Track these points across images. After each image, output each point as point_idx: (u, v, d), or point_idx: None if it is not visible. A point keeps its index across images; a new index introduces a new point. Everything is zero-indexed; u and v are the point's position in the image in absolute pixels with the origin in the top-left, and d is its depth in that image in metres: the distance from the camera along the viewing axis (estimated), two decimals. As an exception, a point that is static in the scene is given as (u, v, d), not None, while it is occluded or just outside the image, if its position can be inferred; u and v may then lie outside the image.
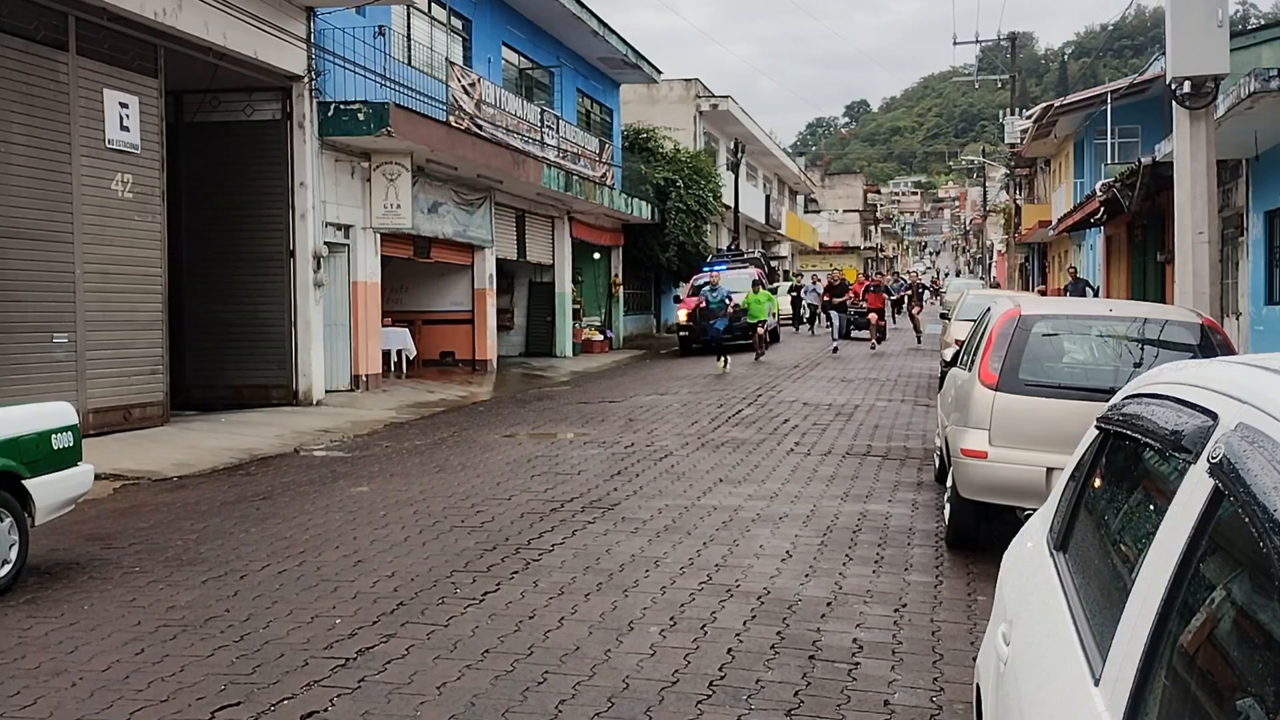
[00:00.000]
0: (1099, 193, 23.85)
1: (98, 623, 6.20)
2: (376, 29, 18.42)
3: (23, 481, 7.14)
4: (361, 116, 16.96)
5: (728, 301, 23.39)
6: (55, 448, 7.48)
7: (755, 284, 27.29)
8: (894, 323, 33.04)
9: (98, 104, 13.11)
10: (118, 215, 13.48)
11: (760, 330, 25.16)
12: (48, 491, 7.36)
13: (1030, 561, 3.18)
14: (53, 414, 7.68)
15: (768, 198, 54.76)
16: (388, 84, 18.45)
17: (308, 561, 7.51)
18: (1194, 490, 1.84)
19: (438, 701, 4.91)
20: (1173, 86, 11.73)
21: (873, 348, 27.15)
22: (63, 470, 7.54)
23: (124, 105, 13.51)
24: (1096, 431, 2.99)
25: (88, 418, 12.22)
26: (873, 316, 28.59)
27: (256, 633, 5.93)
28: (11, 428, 7.18)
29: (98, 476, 8.64)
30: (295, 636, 5.85)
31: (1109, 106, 29.29)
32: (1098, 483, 2.86)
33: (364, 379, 18.70)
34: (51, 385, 12.01)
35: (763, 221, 52.01)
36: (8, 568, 6.95)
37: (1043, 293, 39.42)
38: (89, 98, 12.98)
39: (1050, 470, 6.77)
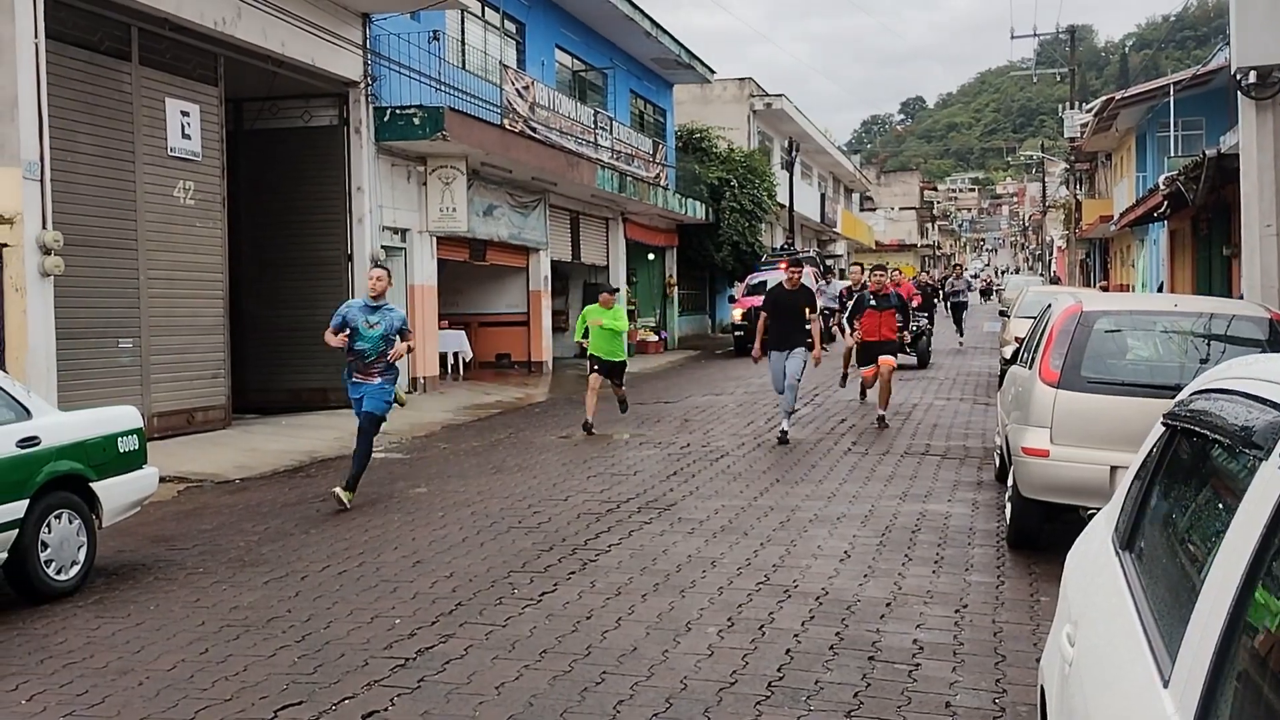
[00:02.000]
0: (1162, 186, 23.37)
1: (163, 623, 6.30)
2: (431, 34, 18.58)
3: (90, 484, 7.30)
4: (417, 121, 17.11)
5: (400, 339, 9.88)
6: (121, 451, 7.63)
7: (605, 294, 16.00)
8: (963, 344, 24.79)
9: (160, 112, 13.35)
10: (180, 221, 13.72)
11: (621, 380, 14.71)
12: (114, 494, 7.51)
13: (1095, 561, 3.13)
14: (118, 418, 7.84)
15: (823, 196, 54.44)
16: (442, 88, 18.59)
17: (367, 562, 7.58)
18: (1266, 487, 1.79)
19: (496, 701, 4.93)
20: (1237, 77, 11.52)
21: (880, 422, 13.87)
22: (128, 473, 7.70)
23: (185, 113, 13.74)
24: (1163, 428, 2.94)
25: (152, 421, 12.45)
26: (885, 361, 13.96)
27: (317, 633, 6.00)
28: (79, 431, 7.34)
29: (162, 479, 8.81)
30: (355, 637, 5.90)
31: (1172, 98, 28.77)
32: (1164, 481, 2.80)
33: (421, 381, 18.86)
34: (117, 389, 12.23)
35: (818, 220, 51.72)
36: (76, 569, 7.10)
37: (1105, 289, 38.82)
38: (151, 106, 13.22)
39: (1114, 469, 6.65)
